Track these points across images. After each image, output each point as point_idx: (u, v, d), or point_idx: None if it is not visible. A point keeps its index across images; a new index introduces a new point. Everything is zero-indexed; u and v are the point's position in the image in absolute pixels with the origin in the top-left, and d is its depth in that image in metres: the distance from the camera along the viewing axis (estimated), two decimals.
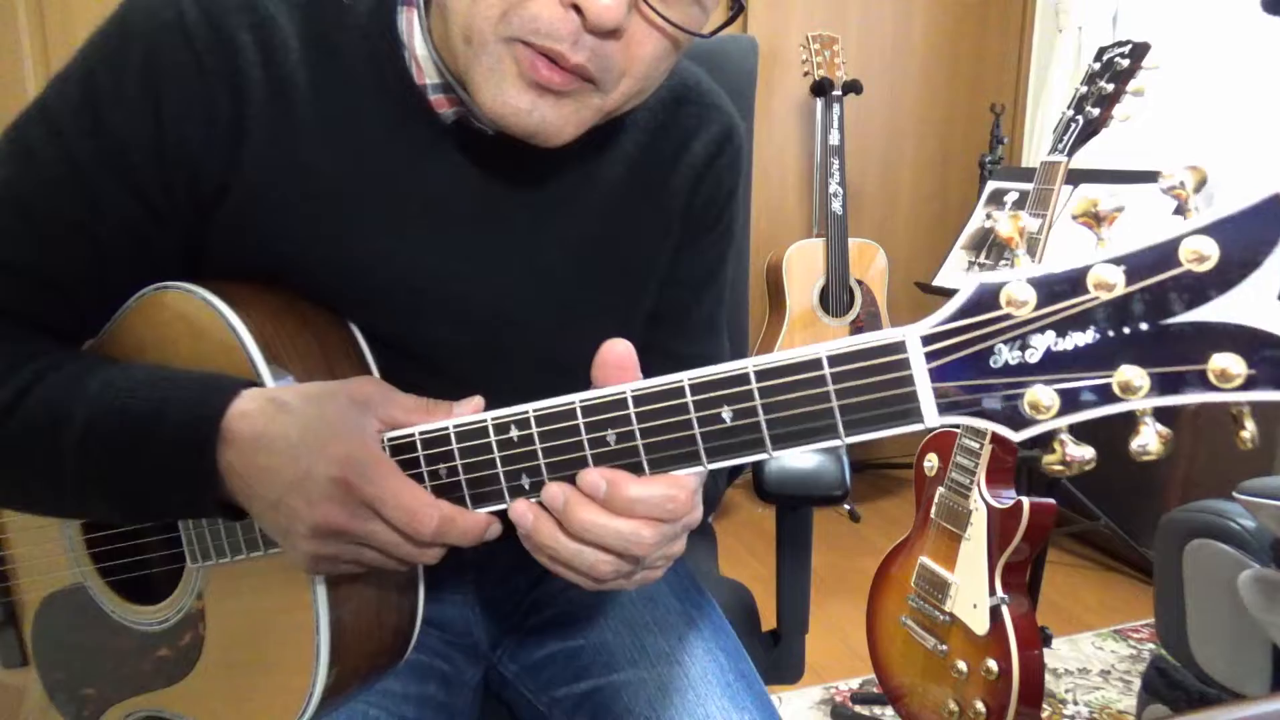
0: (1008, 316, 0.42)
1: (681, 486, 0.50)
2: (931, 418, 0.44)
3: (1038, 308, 0.41)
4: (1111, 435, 0.45)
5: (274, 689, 0.61)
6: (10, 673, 0.76)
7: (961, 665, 1.35)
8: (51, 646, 0.74)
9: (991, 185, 1.86)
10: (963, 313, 0.43)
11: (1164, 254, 0.39)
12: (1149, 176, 1.51)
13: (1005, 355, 0.42)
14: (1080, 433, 0.43)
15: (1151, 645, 1.96)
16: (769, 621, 1.04)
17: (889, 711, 1.73)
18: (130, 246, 0.63)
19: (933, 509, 1.43)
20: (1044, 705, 1.56)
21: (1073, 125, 1.33)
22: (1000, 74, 2.92)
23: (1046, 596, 1.96)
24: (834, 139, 2.49)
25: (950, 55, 2.87)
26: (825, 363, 0.45)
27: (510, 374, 0.70)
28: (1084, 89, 1.33)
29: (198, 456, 0.54)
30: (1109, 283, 0.40)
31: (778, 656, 1.03)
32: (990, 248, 1.77)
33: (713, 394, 0.48)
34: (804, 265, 2.50)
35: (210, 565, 0.63)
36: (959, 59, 2.88)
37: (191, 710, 0.66)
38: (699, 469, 0.50)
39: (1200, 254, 0.38)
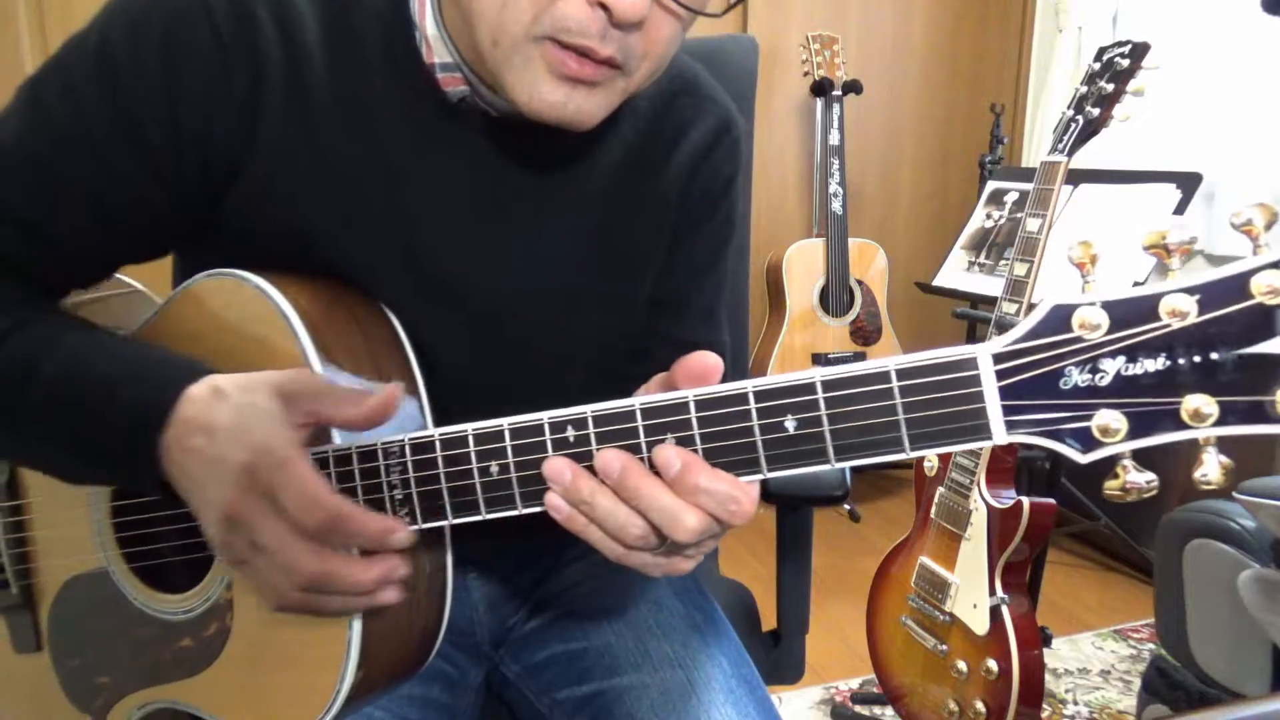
0: (1080, 339, 0.43)
1: (746, 493, 0.49)
2: (1000, 435, 0.44)
3: (1109, 332, 0.42)
4: None
5: (299, 686, 0.60)
6: (23, 658, 0.75)
7: (961, 665, 1.35)
8: (69, 632, 0.73)
9: (991, 185, 1.85)
10: (1035, 333, 0.44)
11: (1236, 286, 0.40)
12: (1149, 176, 1.51)
13: (1076, 377, 0.43)
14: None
15: (1151, 645, 1.96)
16: (769, 621, 1.04)
17: (889, 711, 1.73)
18: (136, 216, 0.64)
19: (933, 509, 1.43)
20: (1044, 705, 1.56)
21: (1073, 125, 1.33)
22: (1000, 74, 2.92)
23: (1046, 596, 1.97)
24: (834, 139, 2.49)
25: (950, 55, 2.87)
26: (894, 375, 0.46)
27: (511, 358, 0.71)
28: (1084, 89, 1.33)
29: (142, 435, 0.55)
30: (1182, 311, 0.41)
31: (778, 657, 1.03)
32: (990, 248, 1.77)
33: (777, 402, 0.48)
34: (804, 265, 2.50)
35: None
36: (959, 59, 2.88)
37: (209, 703, 0.65)
38: (758, 476, 0.49)
39: (1274, 288, 0.39)
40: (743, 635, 0.83)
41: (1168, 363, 0.41)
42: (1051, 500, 1.33)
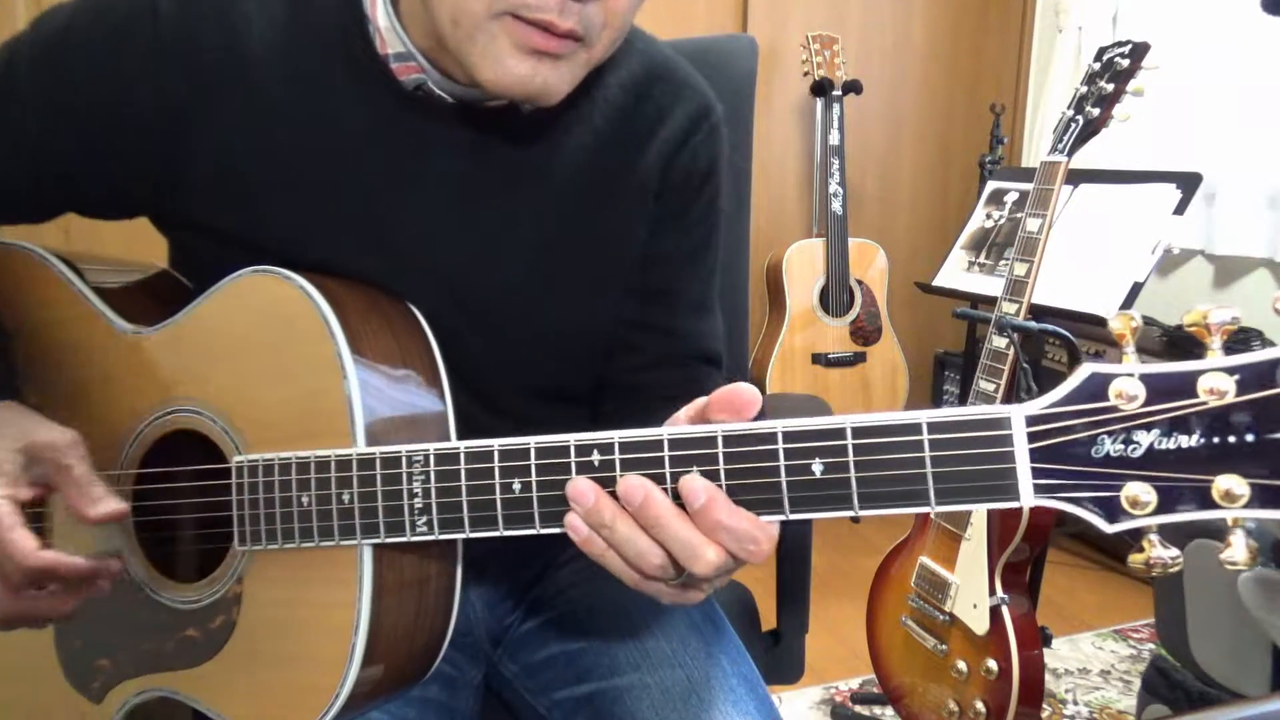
0: (1115, 409, 0.43)
1: (766, 533, 0.49)
2: (1028, 497, 0.44)
3: (1145, 404, 0.42)
4: None
5: (300, 685, 0.61)
6: (24, 635, 0.74)
7: (961, 665, 1.35)
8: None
9: (991, 185, 1.85)
10: (1070, 399, 0.44)
11: (1277, 369, 0.40)
12: (1149, 176, 1.51)
13: (1108, 446, 0.43)
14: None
15: (1151, 645, 1.96)
16: (769, 621, 1.04)
17: (889, 711, 1.73)
18: (61, 181, 0.70)
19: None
20: (1044, 705, 1.56)
21: (1073, 125, 1.32)
22: (1000, 74, 2.92)
23: (1046, 596, 1.96)
24: (834, 139, 2.49)
25: (950, 55, 2.87)
26: (925, 429, 0.45)
27: (481, 347, 0.71)
28: (1084, 89, 1.33)
29: None
30: (1220, 390, 0.41)
31: (778, 656, 1.02)
32: (990, 248, 1.77)
33: (806, 444, 0.47)
34: (804, 265, 2.50)
35: (258, 550, 0.63)
36: (959, 59, 2.88)
37: (207, 695, 0.65)
38: (780, 517, 0.49)
39: None
40: (742, 635, 0.83)
41: (1202, 440, 0.41)
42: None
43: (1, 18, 2.07)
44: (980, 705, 1.32)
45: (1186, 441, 0.41)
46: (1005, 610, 1.30)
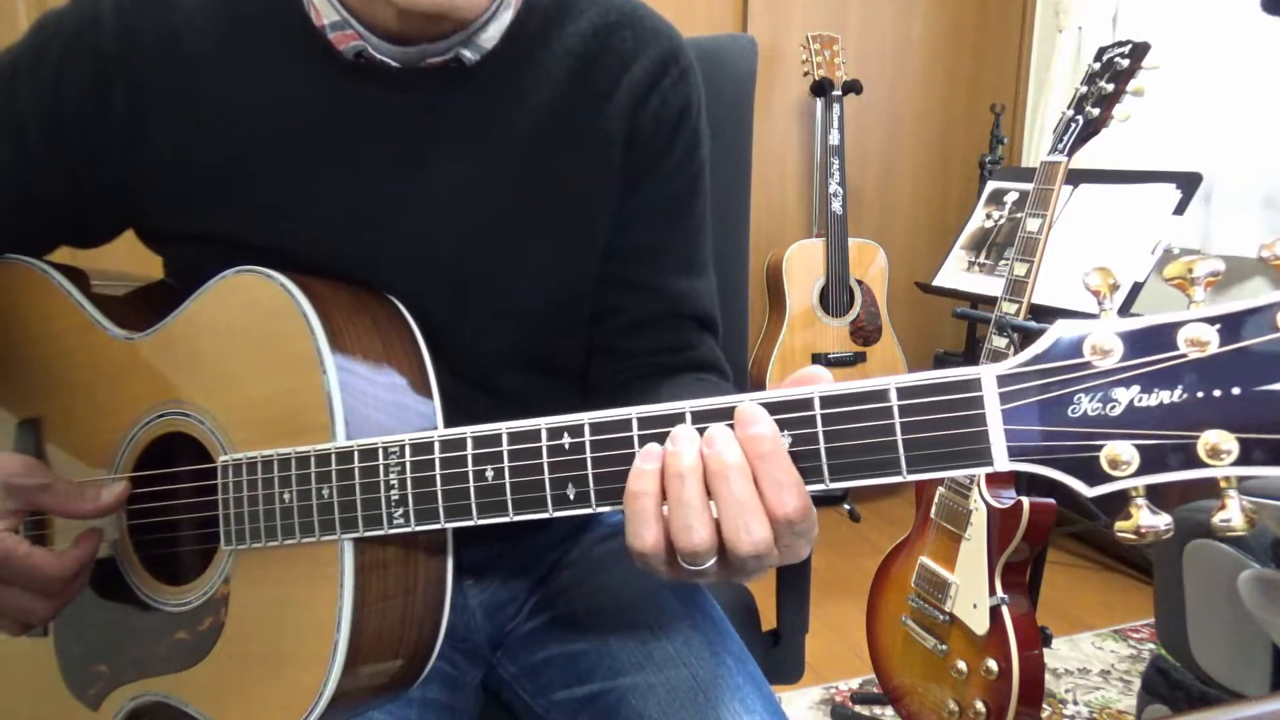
0: (1090, 365, 0.41)
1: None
2: (1001, 461, 0.42)
3: (1123, 359, 0.40)
4: None
5: (284, 684, 0.61)
6: (27, 641, 0.75)
7: (961, 665, 1.35)
8: (75, 618, 0.73)
9: (991, 185, 1.85)
10: (1044, 356, 0.42)
11: (1262, 318, 0.38)
12: (1149, 176, 1.51)
13: (1085, 405, 0.41)
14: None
15: (1151, 645, 1.96)
16: (769, 621, 1.04)
17: (889, 711, 1.73)
18: (16, 193, 0.70)
19: (933, 509, 1.43)
20: (1044, 705, 1.56)
21: (1073, 125, 1.32)
22: (1000, 74, 2.92)
23: (1046, 596, 1.96)
24: (834, 139, 2.49)
25: (950, 55, 2.87)
26: (893, 394, 0.44)
27: (454, 317, 0.70)
28: (1084, 89, 1.33)
29: None
30: (1202, 341, 0.39)
31: (778, 656, 1.02)
32: (990, 248, 1.77)
33: (776, 416, 0.46)
34: (804, 265, 2.50)
35: (244, 549, 0.63)
36: (959, 59, 2.88)
37: (198, 699, 0.65)
38: None
39: None
40: (742, 635, 0.82)
41: (1184, 395, 0.39)
42: (1051, 500, 1.33)
43: (2, 18, 2.07)
44: (980, 705, 1.32)
45: (1168, 397, 0.39)
46: (1005, 610, 1.30)
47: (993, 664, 1.30)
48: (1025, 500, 1.30)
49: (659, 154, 0.74)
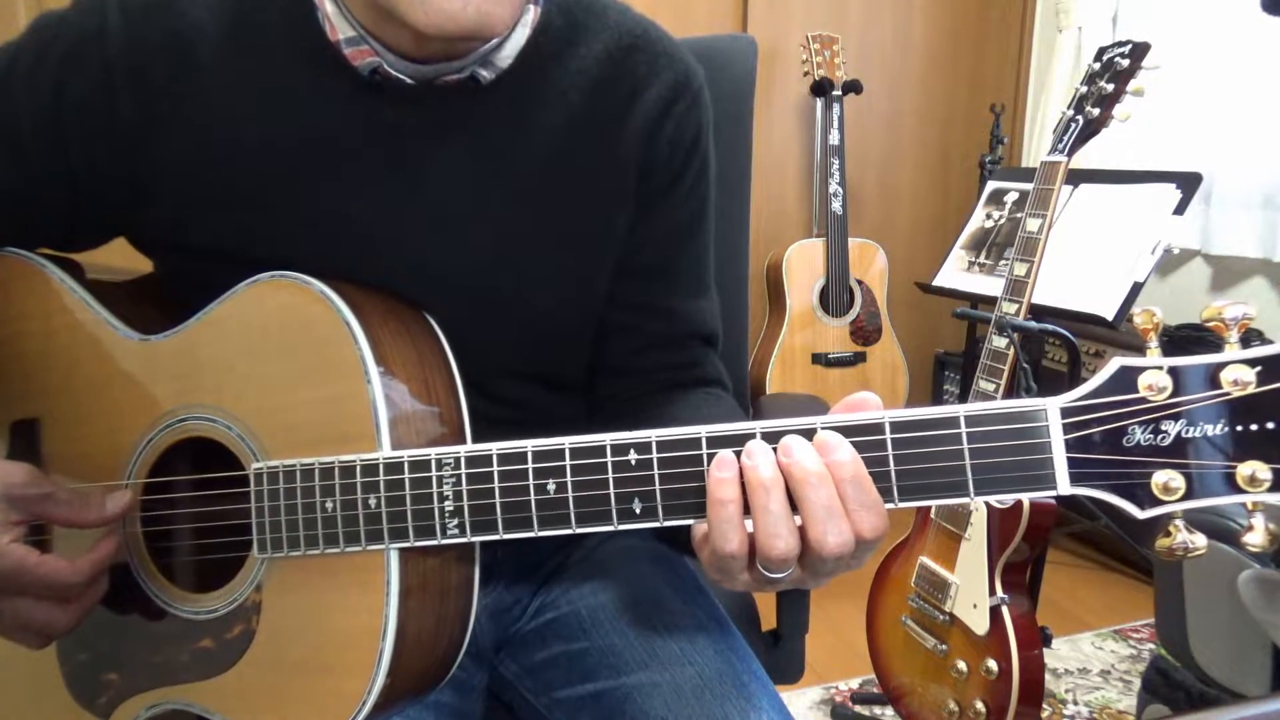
0: (1145, 400, 0.45)
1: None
2: (1064, 485, 0.46)
3: (1173, 395, 0.45)
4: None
5: (324, 692, 0.60)
6: (29, 651, 0.73)
7: (961, 665, 1.35)
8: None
9: (991, 185, 1.85)
10: (1102, 391, 0.46)
11: None
12: (1149, 176, 1.51)
13: (1139, 436, 0.45)
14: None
15: (1151, 645, 1.96)
16: (769, 621, 1.04)
17: (889, 711, 1.73)
18: (3, 197, 0.69)
19: (933, 509, 1.43)
20: (1044, 705, 1.56)
21: (1073, 125, 1.32)
22: (1000, 74, 2.92)
23: (1046, 596, 1.96)
24: (834, 139, 2.49)
25: (950, 55, 2.87)
26: (962, 421, 0.47)
27: (466, 337, 0.70)
28: (1084, 89, 1.33)
29: None
30: (1243, 381, 0.44)
31: (778, 656, 1.02)
32: (990, 248, 1.77)
33: (848, 440, 0.49)
34: (804, 265, 2.50)
35: (279, 557, 0.62)
36: (959, 59, 2.88)
37: (226, 707, 0.64)
38: None
39: None
40: (743, 635, 0.83)
41: (1226, 429, 0.44)
42: (1052, 500, 1.33)
43: (2, 18, 2.07)
44: (980, 705, 1.32)
45: (1212, 430, 0.44)
46: (1005, 610, 1.30)
47: (993, 664, 1.30)
48: (1025, 500, 1.30)
49: (673, 180, 0.76)
